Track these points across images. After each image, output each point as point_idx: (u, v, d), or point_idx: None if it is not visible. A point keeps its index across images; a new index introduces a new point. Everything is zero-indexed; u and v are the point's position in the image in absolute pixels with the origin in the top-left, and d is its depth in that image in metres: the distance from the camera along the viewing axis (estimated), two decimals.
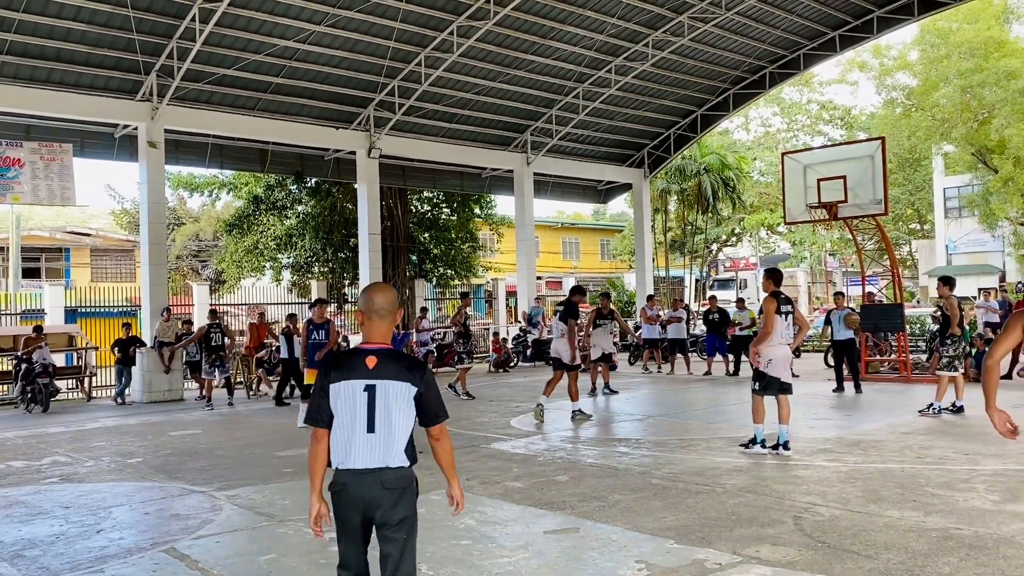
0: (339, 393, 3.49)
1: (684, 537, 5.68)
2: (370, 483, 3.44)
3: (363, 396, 3.47)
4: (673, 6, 20.31)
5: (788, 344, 8.80)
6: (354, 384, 3.49)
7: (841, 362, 14.72)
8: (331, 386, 3.51)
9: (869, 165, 16.15)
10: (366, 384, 3.48)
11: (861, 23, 22.64)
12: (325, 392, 3.52)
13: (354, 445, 3.46)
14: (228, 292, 28.84)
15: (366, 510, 3.47)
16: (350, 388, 3.49)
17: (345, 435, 3.48)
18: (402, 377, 3.50)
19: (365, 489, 3.44)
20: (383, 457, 3.46)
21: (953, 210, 42.27)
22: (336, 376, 3.52)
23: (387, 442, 3.47)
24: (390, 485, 3.46)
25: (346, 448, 3.47)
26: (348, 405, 3.48)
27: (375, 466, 3.45)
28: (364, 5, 17.18)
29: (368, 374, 3.49)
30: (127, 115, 17.47)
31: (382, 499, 3.45)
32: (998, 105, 28.51)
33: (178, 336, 17.23)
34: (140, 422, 13.36)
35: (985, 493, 6.64)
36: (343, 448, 3.48)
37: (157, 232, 17.95)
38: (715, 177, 34.47)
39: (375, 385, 3.48)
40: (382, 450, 3.46)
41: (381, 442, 3.46)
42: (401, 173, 23.74)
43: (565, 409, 13.23)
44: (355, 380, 3.49)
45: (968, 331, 16.23)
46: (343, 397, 3.49)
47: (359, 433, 3.46)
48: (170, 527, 6.52)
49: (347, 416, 3.48)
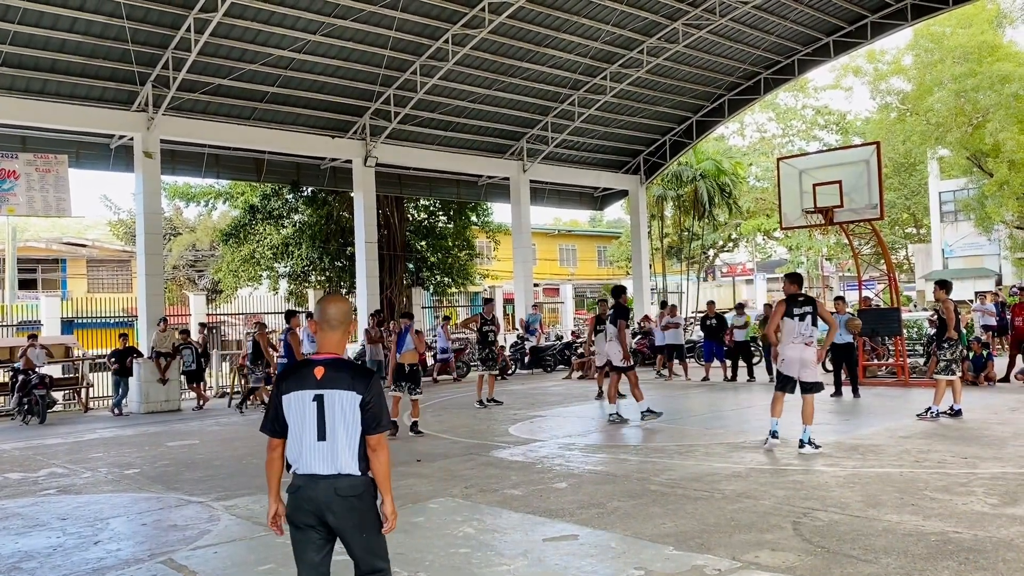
0: (291, 403, 3.63)
1: (683, 543, 5.67)
2: (324, 488, 3.56)
3: (312, 405, 3.58)
4: (667, 13, 20.38)
5: (807, 343, 8.96)
6: (304, 394, 3.60)
7: (840, 367, 14.72)
8: (283, 397, 3.64)
9: (864, 170, 16.18)
10: (315, 394, 3.59)
11: (855, 28, 22.72)
12: (279, 403, 3.65)
13: (306, 453, 3.58)
14: (225, 302, 28.82)
15: (320, 513, 3.57)
16: (300, 398, 3.60)
17: (298, 443, 3.61)
18: (348, 386, 3.59)
19: (320, 493, 3.56)
20: (335, 464, 3.57)
21: (949, 214, 42.35)
22: (287, 387, 3.66)
23: (338, 450, 3.57)
24: (343, 492, 3.56)
25: (299, 455, 3.60)
26: (299, 414, 3.61)
27: (328, 472, 3.56)
28: (359, 15, 17.22)
29: (317, 384, 3.60)
30: (123, 126, 17.47)
31: (335, 505, 3.56)
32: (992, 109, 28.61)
33: (175, 347, 17.21)
34: (137, 433, 13.32)
35: (984, 497, 6.64)
36: (296, 455, 3.61)
37: (153, 242, 17.93)
38: (711, 183, 34.51)
39: (323, 395, 3.58)
40: (333, 457, 3.57)
41: (332, 450, 3.56)
42: (397, 181, 23.75)
43: (564, 416, 13.23)
44: (305, 390, 3.61)
45: (965, 335, 16.27)
46: (294, 407, 3.62)
47: (309, 441, 3.58)
48: (168, 538, 6.50)
49: (298, 425, 3.61)
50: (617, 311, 11.68)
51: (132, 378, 16.78)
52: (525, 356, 22.96)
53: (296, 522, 3.65)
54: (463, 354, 22.49)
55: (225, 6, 15.30)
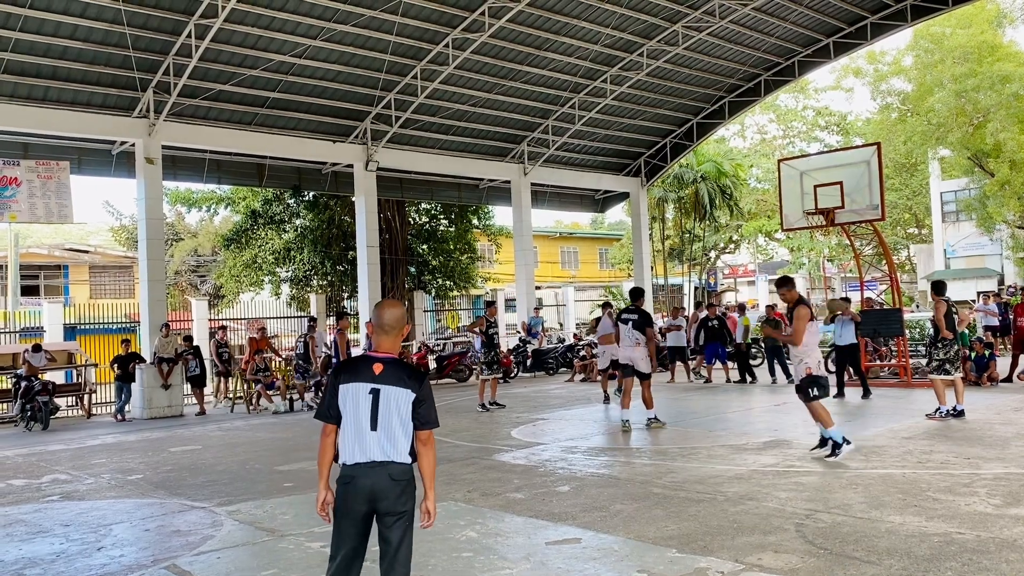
0: (347, 393, 3.85)
1: (686, 546, 5.67)
2: (378, 474, 3.77)
3: (368, 397, 3.82)
4: (667, 15, 20.40)
5: None
6: (361, 386, 3.85)
7: (843, 368, 14.71)
8: (340, 387, 3.87)
9: (865, 171, 16.18)
10: (372, 387, 3.83)
11: (855, 29, 22.73)
12: (335, 392, 3.88)
13: (361, 441, 3.79)
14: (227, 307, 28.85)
15: (372, 500, 3.77)
16: (357, 389, 3.84)
17: (352, 432, 3.82)
18: (403, 384, 3.84)
19: (373, 480, 3.77)
20: (388, 452, 3.79)
21: (950, 214, 42.32)
22: (346, 378, 3.88)
23: (390, 439, 3.80)
24: (397, 477, 3.79)
25: (353, 444, 3.80)
26: (354, 405, 3.82)
27: (382, 459, 3.78)
28: (360, 19, 17.26)
29: (374, 379, 3.85)
30: (124, 132, 17.51)
31: (389, 490, 3.78)
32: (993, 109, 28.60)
33: (178, 352, 17.24)
34: (140, 438, 13.33)
35: (987, 497, 6.63)
36: (351, 444, 3.81)
37: (155, 248, 17.97)
38: (712, 185, 34.54)
39: (379, 389, 3.83)
40: (387, 446, 3.79)
41: (384, 439, 3.79)
42: (399, 185, 23.78)
43: (567, 419, 13.23)
44: (362, 383, 3.85)
45: (967, 335, 16.26)
46: (351, 397, 3.84)
47: (365, 430, 3.79)
48: (171, 543, 6.51)
49: (353, 415, 3.82)
50: (643, 318, 11.51)
51: (135, 384, 16.80)
52: (527, 359, 22.96)
53: (344, 510, 3.82)
54: (465, 357, 22.50)
55: (226, 12, 15.34)
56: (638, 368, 11.40)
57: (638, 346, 11.39)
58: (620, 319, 11.86)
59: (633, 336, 11.43)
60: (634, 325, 11.44)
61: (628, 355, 11.49)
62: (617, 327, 12.03)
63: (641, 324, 11.43)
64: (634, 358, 11.41)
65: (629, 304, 12.04)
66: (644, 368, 11.41)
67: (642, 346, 11.39)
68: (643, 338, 11.39)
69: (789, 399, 14.57)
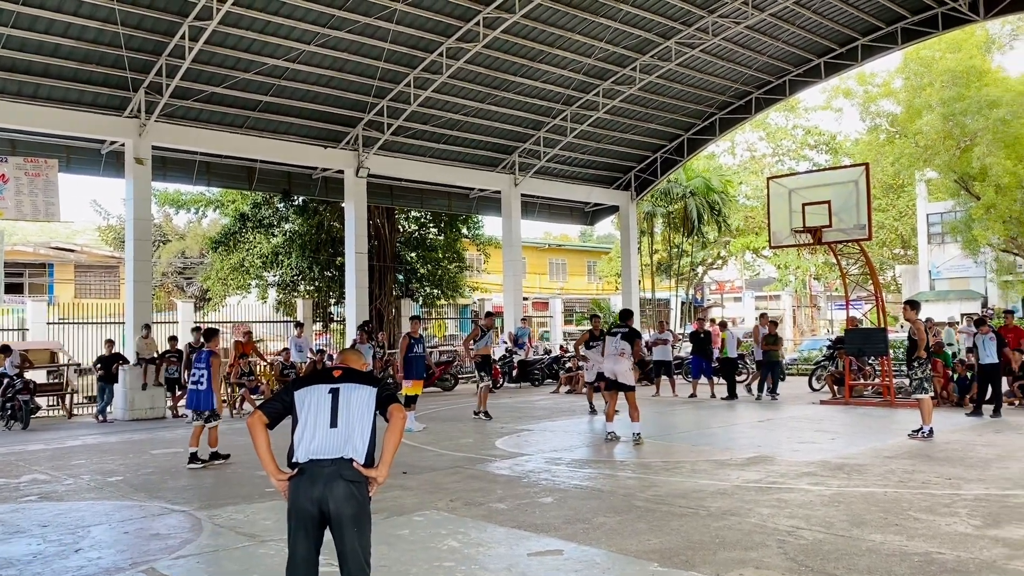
0: (306, 396, 3.91)
1: (668, 560, 5.66)
2: (330, 472, 3.79)
3: (328, 397, 3.92)
4: (661, 31, 20.52)
5: None
6: (320, 387, 3.96)
7: (985, 386, 14.13)
8: (297, 392, 3.95)
9: (853, 190, 16.30)
10: (331, 388, 3.95)
11: (846, 51, 22.93)
12: (287, 398, 3.97)
13: (317, 438, 3.83)
14: (213, 310, 28.72)
15: (321, 498, 3.77)
16: (316, 391, 3.94)
17: (310, 431, 3.86)
18: (364, 382, 3.99)
19: (324, 478, 3.77)
20: (343, 449, 3.81)
21: (936, 236, 42.65)
22: (304, 383, 4.00)
23: (347, 437, 3.83)
24: (348, 477, 3.80)
25: (310, 441, 3.83)
26: (314, 405, 3.89)
27: (335, 456, 3.80)
28: (354, 26, 17.28)
29: (334, 381, 3.99)
30: (114, 131, 17.43)
31: (337, 489, 3.77)
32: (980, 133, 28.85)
33: (160, 354, 17.11)
34: (121, 440, 13.23)
35: (967, 518, 6.66)
36: (307, 441, 3.84)
37: (142, 249, 17.87)
38: (701, 200, 34.68)
39: (339, 388, 3.94)
40: (343, 443, 3.82)
41: (342, 436, 3.83)
42: (389, 192, 23.76)
43: (551, 431, 13.23)
44: (322, 384, 3.97)
45: (949, 356, 16.38)
46: (310, 399, 3.91)
47: (322, 427, 3.85)
48: (149, 547, 6.45)
49: (312, 414, 3.88)
50: (632, 332, 11.76)
51: (117, 385, 16.67)
52: (513, 370, 22.95)
53: (295, 511, 3.84)
54: (451, 367, 22.48)
55: (220, 15, 15.31)
56: (622, 381, 11.43)
57: (622, 356, 11.42)
58: (609, 332, 11.95)
59: (618, 346, 11.49)
60: (623, 337, 11.56)
61: (612, 368, 11.52)
62: (603, 341, 12.07)
63: (630, 337, 11.59)
64: (617, 371, 11.45)
65: (617, 322, 12.16)
66: (628, 381, 11.47)
67: (626, 356, 11.44)
68: (628, 348, 11.46)
69: (774, 415, 14.65)
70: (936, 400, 15.14)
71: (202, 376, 10.29)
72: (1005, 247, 31.72)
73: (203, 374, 10.28)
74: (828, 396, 17.03)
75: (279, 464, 3.98)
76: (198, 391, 10.34)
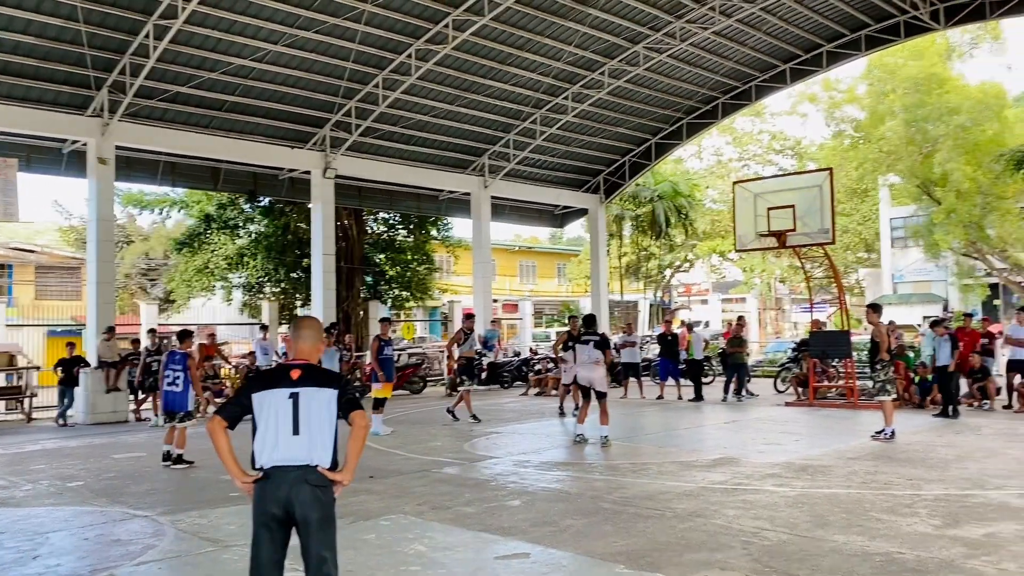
0: (264, 401, 3.79)
1: (634, 562, 5.69)
2: (295, 477, 3.72)
3: (288, 403, 3.77)
4: (629, 36, 20.64)
5: None
6: (278, 392, 3.82)
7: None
8: (255, 395, 3.83)
9: (817, 195, 16.51)
10: (291, 392, 3.78)
11: (811, 57, 23.24)
12: (246, 401, 3.84)
13: (280, 446, 3.75)
14: (177, 312, 28.36)
15: (287, 502, 3.71)
16: (274, 396, 3.80)
17: (272, 438, 3.77)
18: (323, 384, 3.86)
19: (290, 482, 3.72)
20: (308, 455, 3.75)
21: (899, 240, 43.35)
22: (261, 386, 3.86)
23: (311, 442, 3.76)
24: (313, 482, 3.74)
25: (273, 448, 3.75)
26: (273, 410, 3.78)
27: (301, 463, 3.74)
28: (323, 26, 17.16)
29: (292, 384, 3.83)
30: (77, 131, 17.13)
31: (303, 494, 3.72)
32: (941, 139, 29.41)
33: (122, 356, 16.86)
34: (82, 444, 13.00)
35: (927, 518, 6.77)
36: (270, 448, 3.76)
37: (105, 250, 17.59)
38: (668, 204, 35.00)
39: (299, 392, 3.80)
40: (307, 449, 3.75)
41: (306, 442, 3.75)
42: (357, 194, 23.61)
43: (520, 433, 13.24)
44: (280, 388, 3.82)
45: (912, 359, 16.64)
46: (268, 404, 3.79)
47: (284, 435, 3.76)
48: (110, 553, 6.34)
49: (273, 420, 3.77)
50: (603, 339, 11.85)
51: (78, 388, 16.39)
52: (482, 372, 22.92)
53: (260, 517, 3.77)
54: (419, 369, 22.41)
55: (186, 13, 15.13)
56: (596, 388, 11.55)
57: (597, 365, 11.51)
58: (580, 340, 11.97)
59: (592, 355, 11.58)
60: (595, 345, 11.62)
61: (587, 376, 11.63)
62: (573, 349, 12.14)
63: (601, 345, 11.68)
64: (593, 379, 11.57)
65: (585, 330, 12.12)
66: (603, 388, 11.61)
67: (600, 365, 11.54)
68: (601, 357, 11.58)
69: (739, 417, 14.78)
70: (898, 402, 15.46)
71: (177, 377, 10.39)
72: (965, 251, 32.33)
73: (179, 375, 10.38)
74: (793, 398, 17.22)
75: (243, 467, 3.92)
76: (174, 392, 10.42)
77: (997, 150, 26.99)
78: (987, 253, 31.69)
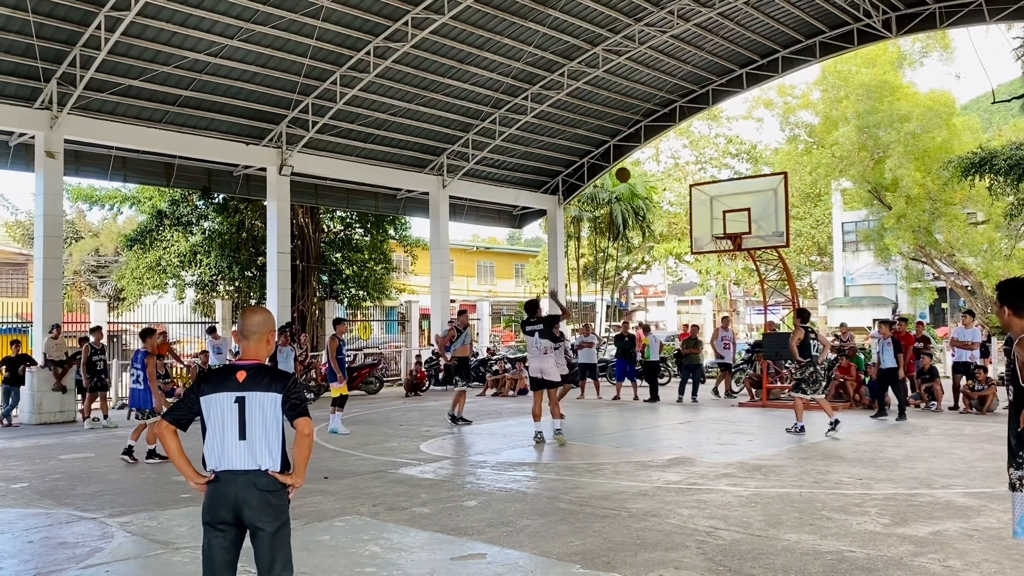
0: (211, 404, 3.75)
1: (590, 562, 5.70)
2: (244, 482, 3.69)
3: (234, 407, 3.73)
4: (588, 38, 20.74)
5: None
6: (224, 396, 3.76)
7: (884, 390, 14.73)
8: (202, 398, 3.77)
9: (772, 198, 16.76)
10: (236, 396, 3.75)
11: (767, 62, 23.60)
12: (194, 403, 3.79)
13: (229, 451, 3.71)
14: (128, 310, 27.77)
15: (237, 508, 3.68)
16: (221, 400, 3.76)
17: (219, 442, 3.73)
18: (269, 388, 3.77)
19: (239, 487, 3.68)
20: (256, 460, 3.71)
21: (850, 244, 44.17)
22: (208, 389, 3.79)
23: (258, 448, 3.72)
24: (262, 487, 3.70)
25: (220, 454, 3.72)
26: (220, 415, 3.74)
27: (252, 468, 3.70)
28: (279, 21, 16.95)
29: (238, 387, 3.76)
30: (23, 123, 16.69)
31: (253, 499, 3.68)
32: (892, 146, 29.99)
33: (69, 355, 16.45)
34: (28, 445, 12.66)
35: (876, 516, 6.90)
36: (218, 453, 3.73)
37: (53, 246, 17.16)
38: (626, 206, 35.21)
39: (245, 396, 3.75)
40: (254, 454, 3.71)
41: (254, 447, 3.72)
42: (313, 191, 23.38)
43: (477, 433, 13.19)
44: (225, 392, 3.76)
45: (862, 360, 16.98)
46: (215, 408, 3.75)
47: (231, 439, 3.72)
48: (56, 556, 6.18)
49: (219, 425, 3.73)
50: (546, 324, 11.42)
51: (24, 387, 15.96)
52: (440, 372, 22.83)
53: (210, 519, 3.73)
54: (375, 369, 22.24)
55: (138, 6, 14.85)
56: (548, 378, 11.39)
57: (545, 355, 11.39)
58: (525, 331, 11.84)
59: (540, 345, 11.43)
60: (540, 335, 11.42)
61: (538, 366, 11.46)
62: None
63: (546, 332, 11.41)
64: (543, 368, 11.39)
65: (527, 318, 11.82)
66: (554, 378, 11.42)
67: (549, 354, 11.40)
68: (551, 346, 11.41)
69: (694, 417, 14.93)
70: (848, 403, 15.80)
71: (139, 376, 10.60)
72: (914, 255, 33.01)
73: (140, 374, 10.59)
74: (747, 399, 17.44)
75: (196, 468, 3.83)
76: (138, 390, 10.63)
77: (945, 157, 27.61)
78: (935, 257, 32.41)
